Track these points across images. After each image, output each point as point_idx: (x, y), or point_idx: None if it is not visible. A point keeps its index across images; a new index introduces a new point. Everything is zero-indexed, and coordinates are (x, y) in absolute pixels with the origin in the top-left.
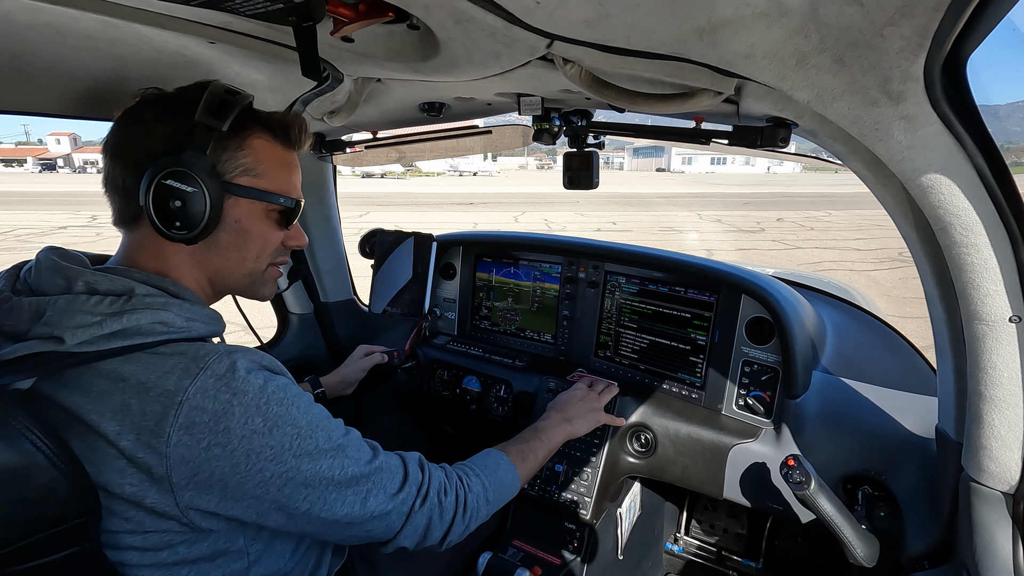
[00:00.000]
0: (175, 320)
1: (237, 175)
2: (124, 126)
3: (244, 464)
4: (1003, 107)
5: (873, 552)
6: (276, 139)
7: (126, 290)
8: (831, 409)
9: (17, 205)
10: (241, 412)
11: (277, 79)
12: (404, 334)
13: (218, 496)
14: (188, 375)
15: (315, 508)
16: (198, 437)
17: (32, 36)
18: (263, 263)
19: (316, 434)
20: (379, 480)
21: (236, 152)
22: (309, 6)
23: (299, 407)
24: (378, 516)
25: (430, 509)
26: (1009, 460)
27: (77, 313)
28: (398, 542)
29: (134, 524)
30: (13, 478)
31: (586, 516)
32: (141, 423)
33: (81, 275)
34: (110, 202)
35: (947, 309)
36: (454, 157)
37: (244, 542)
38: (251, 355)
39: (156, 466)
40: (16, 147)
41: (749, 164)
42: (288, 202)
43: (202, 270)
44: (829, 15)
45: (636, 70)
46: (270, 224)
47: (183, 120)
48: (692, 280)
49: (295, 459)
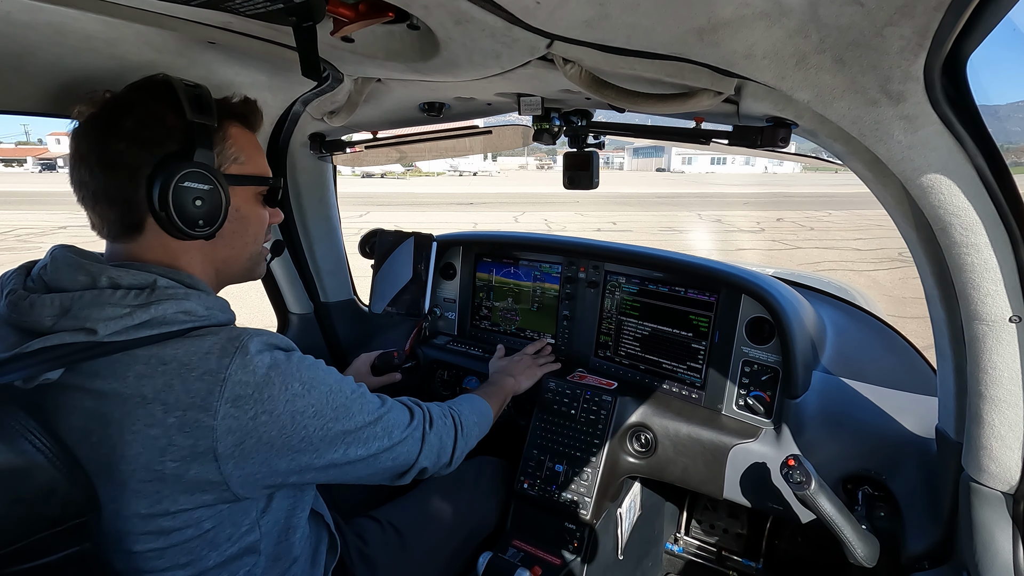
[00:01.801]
0: (197, 309)
1: (229, 165)
2: (103, 137)
3: (290, 424)
4: (1003, 107)
5: (873, 552)
6: (245, 124)
7: (148, 283)
8: (831, 409)
9: (17, 205)
10: (280, 381)
11: (277, 79)
12: (404, 334)
13: (263, 458)
14: (227, 354)
15: (351, 450)
16: (244, 408)
17: (32, 36)
18: (260, 244)
19: (344, 387)
20: (395, 416)
21: (224, 144)
22: (309, 6)
23: (323, 369)
24: (400, 442)
25: (438, 430)
26: (1009, 460)
27: (106, 306)
28: (420, 463)
29: (167, 504)
30: (12, 478)
31: (586, 516)
32: (187, 400)
33: (104, 271)
34: (102, 216)
35: (947, 309)
36: (454, 157)
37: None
38: (272, 335)
39: (202, 439)
40: (16, 147)
41: (749, 164)
42: (275, 182)
43: (210, 262)
44: (829, 15)
45: (636, 70)
46: (260, 206)
47: (172, 122)
48: (692, 280)
49: (332, 411)
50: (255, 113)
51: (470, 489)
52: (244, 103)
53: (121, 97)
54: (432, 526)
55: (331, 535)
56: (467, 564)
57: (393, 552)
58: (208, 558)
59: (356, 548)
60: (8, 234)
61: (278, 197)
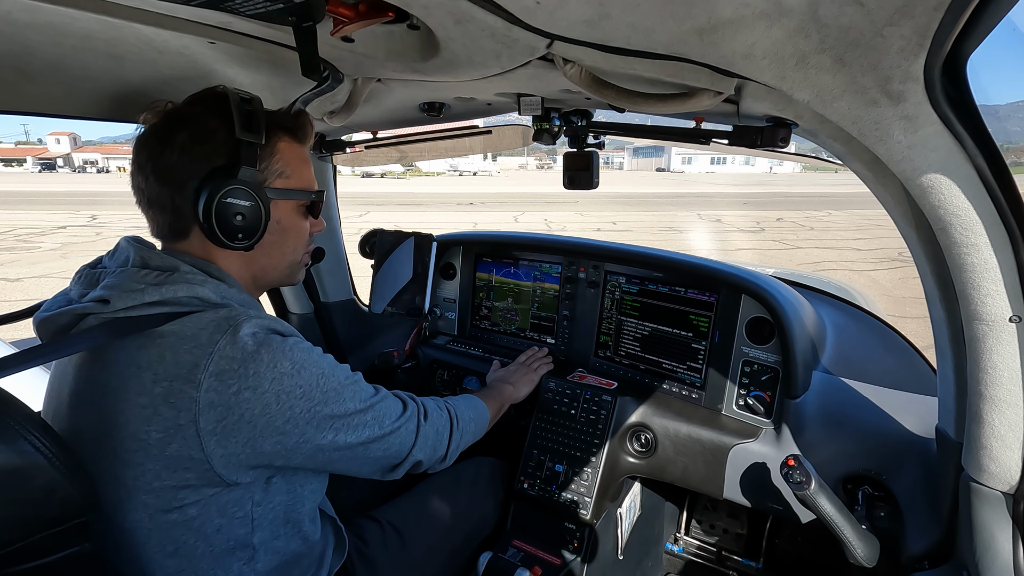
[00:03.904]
0: (210, 296)
1: (273, 180)
2: (160, 148)
3: (275, 403)
4: (1003, 107)
5: (873, 552)
6: (295, 139)
7: (171, 266)
8: (831, 409)
9: (17, 205)
10: (269, 359)
11: (277, 79)
12: (404, 334)
13: (246, 437)
14: (220, 330)
15: (340, 435)
16: (227, 383)
17: (32, 36)
18: (299, 254)
19: (337, 373)
20: (387, 406)
21: (270, 159)
22: (309, 6)
23: (318, 354)
24: (392, 433)
25: (434, 422)
26: (1009, 460)
27: (127, 280)
28: (414, 456)
29: (150, 476)
30: (12, 479)
31: (586, 516)
32: (174, 372)
33: (141, 251)
34: (152, 218)
35: (947, 309)
36: (454, 157)
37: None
38: (274, 320)
39: (184, 411)
40: (16, 147)
41: (749, 164)
42: (317, 196)
43: (248, 269)
44: (829, 15)
45: (636, 70)
46: (301, 218)
47: (222, 138)
48: (692, 280)
49: (322, 394)
50: (306, 127)
51: (470, 489)
52: (295, 117)
53: (180, 110)
54: (432, 526)
55: (339, 536)
56: (467, 564)
57: (393, 552)
58: (196, 547)
59: (356, 548)
60: (8, 234)
61: (318, 210)
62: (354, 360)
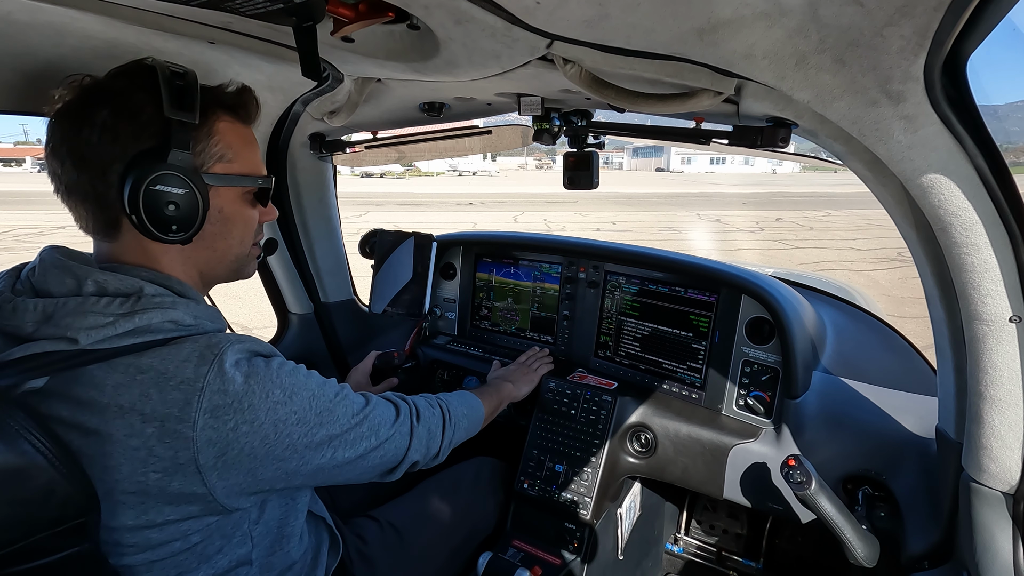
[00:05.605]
0: (184, 318)
1: (212, 164)
2: (76, 128)
3: (273, 434)
4: (1003, 107)
5: (873, 552)
6: (237, 118)
7: (135, 290)
8: (831, 409)
9: (15, 205)
10: (260, 389)
11: (277, 79)
12: (404, 334)
13: (247, 468)
14: (204, 362)
15: (338, 453)
16: (223, 419)
17: (32, 36)
18: (247, 246)
19: (325, 390)
20: (380, 414)
21: (208, 141)
22: (309, 6)
23: (304, 374)
24: (387, 440)
25: (426, 422)
26: (1009, 460)
27: (89, 314)
28: (410, 457)
29: (152, 515)
30: (12, 479)
31: (586, 516)
32: (164, 411)
33: (90, 274)
34: (75, 210)
35: (947, 309)
36: (454, 157)
37: (248, 526)
38: (253, 342)
39: (183, 451)
40: (15, 147)
41: (748, 164)
42: (265, 182)
43: (192, 264)
44: (829, 15)
45: (636, 70)
46: (247, 206)
47: (149, 116)
48: (692, 280)
49: (316, 416)
50: (249, 105)
51: (470, 489)
52: (238, 94)
53: (100, 84)
54: (432, 526)
55: (332, 535)
56: (467, 564)
57: (393, 552)
58: (198, 570)
59: (356, 548)
60: (7, 234)
61: (267, 198)
62: (354, 360)
